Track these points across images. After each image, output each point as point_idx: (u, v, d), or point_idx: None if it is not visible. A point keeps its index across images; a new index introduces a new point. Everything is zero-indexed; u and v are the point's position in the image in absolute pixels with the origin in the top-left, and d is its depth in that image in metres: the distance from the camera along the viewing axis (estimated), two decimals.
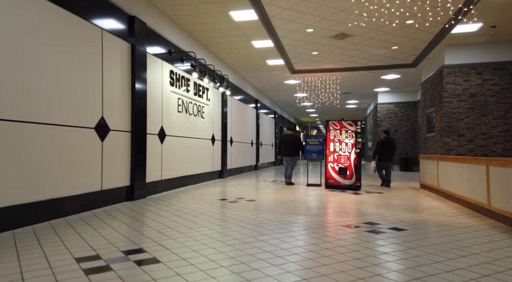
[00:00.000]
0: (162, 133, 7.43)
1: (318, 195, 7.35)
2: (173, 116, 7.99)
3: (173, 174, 7.99)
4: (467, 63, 9.49)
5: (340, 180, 8.38)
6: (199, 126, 9.50)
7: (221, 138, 11.32)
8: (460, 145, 9.52)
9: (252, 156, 15.53)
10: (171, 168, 7.85)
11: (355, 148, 8.33)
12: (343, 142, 8.41)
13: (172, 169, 7.90)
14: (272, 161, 20.39)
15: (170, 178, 7.84)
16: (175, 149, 8.06)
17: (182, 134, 8.41)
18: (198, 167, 9.46)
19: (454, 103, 9.59)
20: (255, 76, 13.93)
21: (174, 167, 8.02)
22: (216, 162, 10.82)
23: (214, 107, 10.63)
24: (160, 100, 7.37)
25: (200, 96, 9.57)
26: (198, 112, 9.38)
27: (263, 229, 4.08)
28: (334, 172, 8.45)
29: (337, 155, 8.43)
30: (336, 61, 11.80)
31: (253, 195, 7.19)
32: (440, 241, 3.60)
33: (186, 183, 8.76)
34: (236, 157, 12.92)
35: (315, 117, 31.78)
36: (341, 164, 8.39)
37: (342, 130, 8.43)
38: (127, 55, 6.22)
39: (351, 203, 6.31)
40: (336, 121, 8.50)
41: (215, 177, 10.92)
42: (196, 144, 9.29)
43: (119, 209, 5.38)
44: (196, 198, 6.75)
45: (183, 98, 8.49)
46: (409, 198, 7.09)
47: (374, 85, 15.84)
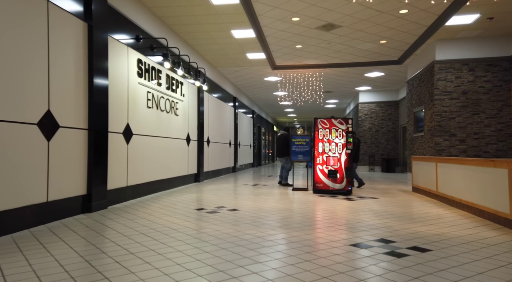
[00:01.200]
0: (128, 132, 6.39)
1: (307, 202, 6.53)
2: (142, 113, 6.96)
3: (142, 179, 6.96)
4: (459, 58, 9.00)
5: (330, 184, 7.62)
6: (173, 125, 8.49)
7: (197, 138, 10.33)
8: (452, 145, 9.00)
9: (230, 157, 14.60)
10: (139, 172, 6.81)
11: (346, 148, 7.60)
12: (333, 141, 7.66)
13: (140, 173, 6.87)
14: (250, 162, 19.52)
15: (138, 183, 6.80)
16: (144, 150, 7.02)
17: (152, 133, 7.38)
18: (172, 170, 8.45)
19: (446, 101, 9.07)
20: (233, 72, 13.02)
21: (143, 171, 6.99)
22: (191, 164, 9.82)
23: (189, 104, 9.63)
24: (125, 93, 6.33)
25: (174, 91, 8.56)
26: (171, 108, 8.37)
27: (253, 254, 3.19)
28: (323, 175, 7.67)
29: (327, 156, 7.67)
30: (320, 56, 11.09)
31: (234, 203, 6.28)
32: (482, 267, 2.84)
33: (157, 189, 7.73)
34: (213, 159, 11.95)
35: (293, 118, 31.19)
36: (331, 166, 7.63)
37: (332, 129, 7.67)
38: (83, 37, 5.16)
39: (348, 211, 5.53)
40: (325, 119, 7.73)
41: (191, 180, 9.92)
42: (169, 144, 8.28)
43: (69, 225, 4.33)
44: (168, 207, 5.76)
45: (154, 92, 7.46)
46: (408, 204, 6.41)
47: (356, 84, 15.30)
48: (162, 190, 7.98)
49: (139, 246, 3.39)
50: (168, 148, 8.23)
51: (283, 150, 9.48)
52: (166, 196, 7.20)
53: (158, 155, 7.69)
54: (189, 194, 7.58)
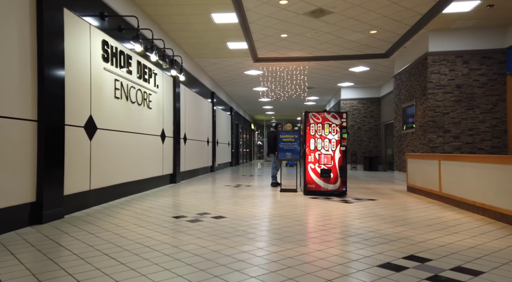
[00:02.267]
0: (91, 126, 5.39)
1: (301, 206, 5.78)
2: (109, 104, 5.96)
3: (109, 181, 5.96)
4: (453, 50, 8.53)
5: (323, 184, 6.90)
6: (145, 119, 7.50)
7: (173, 135, 9.37)
8: (446, 142, 8.54)
9: (208, 156, 13.67)
10: (105, 172, 5.82)
11: (340, 145, 6.90)
12: (326, 138, 6.94)
13: (107, 174, 5.87)
14: (228, 161, 18.64)
15: (104, 186, 5.80)
16: (112, 147, 6.03)
17: (121, 128, 6.39)
18: (145, 170, 7.46)
19: (439, 95, 8.59)
20: (212, 64, 12.10)
21: (111, 171, 6.00)
22: (167, 164, 8.85)
23: (164, 96, 8.65)
24: (87, 80, 5.32)
25: (146, 81, 7.57)
26: (143, 100, 7.38)
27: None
28: (315, 174, 6.95)
29: (319, 154, 6.95)
30: (305, 48, 10.39)
31: (218, 208, 5.43)
32: None
33: (128, 192, 6.74)
34: (190, 157, 11.00)
35: (271, 116, 30.54)
36: (324, 165, 6.92)
37: (325, 124, 6.95)
38: (30, 11, 4.15)
39: (352, 217, 4.81)
40: (318, 113, 7.01)
41: (166, 182, 8.95)
42: (142, 141, 7.29)
43: (8, 243, 3.34)
44: (140, 215, 4.83)
45: (123, 81, 6.47)
46: (413, 207, 5.78)
47: (339, 79, 14.76)
48: (133, 193, 7.00)
49: (100, 276, 2.48)
50: (140, 145, 7.25)
51: (270, 148, 8.75)
52: (138, 200, 6.23)
53: (129, 153, 6.70)
54: (165, 197, 6.64)
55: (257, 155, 36.14)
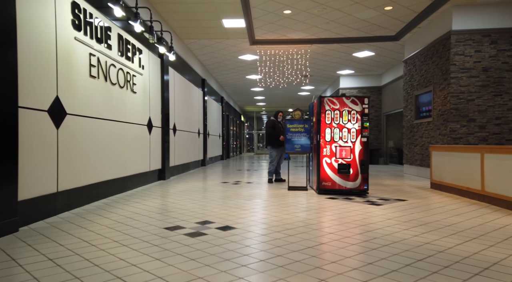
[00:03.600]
0: (57, 110, 4.20)
1: (320, 209, 4.74)
2: (82, 84, 4.76)
3: (83, 180, 4.79)
4: (479, 29, 7.58)
5: (340, 181, 5.87)
6: (129, 105, 6.31)
7: (162, 125, 8.18)
8: (470, 132, 7.62)
9: (199, 148, 12.51)
10: (78, 169, 4.64)
11: (361, 135, 5.88)
12: (345, 127, 5.90)
13: (80, 172, 4.70)
14: (219, 154, 17.50)
15: (76, 186, 4.63)
16: (87, 138, 4.85)
17: (99, 115, 5.20)
18: (128, 166, 6.29)
19: (463, 80, 7.64)
20: (204, 46, 10.88)
21: (85, 168, 4.82)
22: (155, 158, 7.68)
23: (151, 80, 7.45)
24: (52, 51, 4.11)
25: (129, 59, 6.36)
26: (126, 83, 6.18)
27: None
28: (331, 170, 5.91)
29: (336, 147, 5.90)
30: (309, 28, 9.29)
31: (222, 214, 4.34)
32: None
33: (108, 192, 5.58)
34: (181, 150, 9.84)
35: (262, 107, 29.42)
36: (342, 159, 5.89)
37: (343, 111, 5.90)
38: None
39: (393, 227, 3.79)
40: (335, 97, 5.94)
41: (154, 178, 7.79)
42: (125, 131, 6.11)
43: None
44: (121, 226, 3.70)
45: (101, 57, 5.25)
46: (456, 210, 4.82)
47: (340, 66, 13.74)
48: (115, 194, 5.83)
49: None
50: (123, 135, 6.07)
51: (268, 139, 7.71)
52: (120, 203, 5.08)
53: (109, 145, 5.52)
54: (154, 198, 5.50)
55: (247, 148, 35.08)
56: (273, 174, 7.73)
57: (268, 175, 7.75)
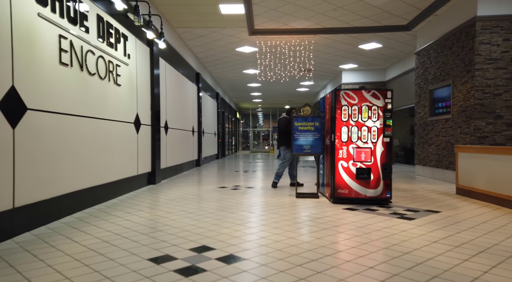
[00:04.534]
0: (14, 105, 3.29)
1: (344, 226, 3.90)
2: (49, 72, 3.85)
3: (51, 191, 3.89)
4: (508, 14, 6.77)
5: (360, 189, 5.03)
6: (112, 100, 5.40)
7: (151, 123, 7.27)
8: (497, 131, 6.83)
9: (194, 147, 11.61)
10: (44, 178, 3.74)
11: (383, 135, 5.04)
12: (364, 125, 5.05)
13: (47, 180, 3.80)
14: (215, 153, 16.60)
15: (41, 199, 3.73)
16: (57, 139, 3.94)
17: (73, 111, 4.29)
18: (111, 171, 5.39)
19: (490, 72, 6.84)
20: (198, 37, 9.95)
21: (53, 175, 3.92)
22: (143, 160, 6.78)
23: (139, 71, 6.53)
24: (5, 27, 3.20)
25: (112, 46, 5.44)
26: (108, 73, 5.27)
27: None
28: (348, 175, 5.07)
29: (355, 148, 5.06)
30: (314, 15, 8.43)
31: (223, 234, 3.47)
32: None
33: (84, 204, 4.68)
34: (174, 150, 8.94)
35: (258, 104, 28.52)
36: (361, 162, 5.04)
37: (363, 107, 5.05)
38: None
39: (449, 254, 2.96)
40: (353, 90, 5.09)
41: (142, 183, 6.89)
42: (107, 129, 5.20)
43: None
44: (93, 257, 2.81)
45: (74, 40, 4.34)
46: (503, 225, 4.01)
47: (343, 60, 12.90)
48: (94, 204, 4.93)
49: None
50: (105, 135, 5.16)
51: (282, 138, 6.83)
52: (98, 217, 4.19)
53: (86, 147, 4.62)
54: (140, 211, 4.62)
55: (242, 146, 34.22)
56: (280, 178, 6.87)
57: (274, 178, 6.87)
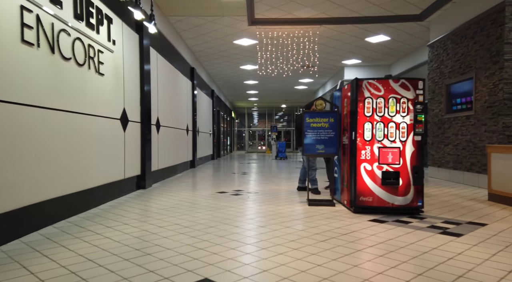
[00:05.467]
0: None
1: (379, 246, 3.13)
2: (5, 52, 3.02)
3: (13, 201, 3.05)
4: None
5: (386, 196, 4.27)
6: (93, 90, 4.56)
7: (141, 119, 6.44)
8: None
9: (188, 147, 10.78)
10: (2, 184, 2.91)
11: (413, 132, 4.29)
12: (392, 121, 4.29)
13: (7, 186, 2.96)
14: (210, 153, 15.77)
15: None
16: (18, 137, 3.11)
17: (40, 102, 3.46)
18: (92, 174, 4.55)
19: None
20: (193, 27, 9.13)
21: (16, 181, 3.08)
22: (131, 161, 5.95)
23: (126, 60, 5.70)
24: None
25: (93, 28, 4.61)
26: (88, 60, 4.44)
27: None
28: (373, 180, 4.30)
29: (380, 148, 4.30)
30: (321, 2, 7.67)
31: (230, 263, 2.68)
32: None
33: (58, 215, 3.84)
34: (166, 151, 8.11)
35: (254, 102, 27.73)
36: (388, 165, 4.28)
37: (390, 99, 4.29)
38: None
39: None
40: (378, 80, 4.33)
41: (131, 188, 6.05)
42: (87, 125, 4.36)
43: None
44: None
45: (42, 15, 3.50)
46: None
47: (347, 54, 12.17)
48: (70, 216, 4.10)
49: None
50: (84, 132, 4.33)
51: (299, 137, 6.05)
52: (71, 234, 3.36)
53: (60, 146, 3.79)
54: (124, 224, 3.79)
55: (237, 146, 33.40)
56: (316, 182, 6.08)
57: (311, 184, 5.97)
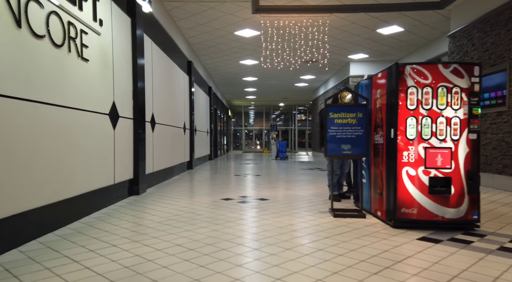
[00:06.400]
0: None
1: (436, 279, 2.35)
2: None
3: None
4: None
5: (435, 208, 3.50)
6: (74, 78, 3.72)
7: (134, 115, 5.61)
8: None
9: (185, 147, 9.95)
10: None
11: (467, 129, 3.52)
12: (441, 115, 3.52)
13: None
14: (207, 153, 14.94)
15: None
16: None
17: (4, 90, 2.64)
18: (73, 181, 3.71)
19: None
20: (192, 15, 8.30)
21: None
22: (122, 163, 5.11)
23: (116, 45, 4.87)
24: None
25: (74, 3, 3.77)
26: (68, 40, 3.60)
27: None
28: (417, 188, 3.53)
29: (427, 148, 3.52)
30: None
31: None
32: None
33: (26, 234, 3.01)
34: (162, 151, 7.27)
35: (250, 101, 26.91)
36: (437, 169, 3.51)
37: (439, 88, 3.52)
38: None
39: None
40: (424, 66, 3.55)
41: (122, 194, 5.21)
42: (66, 121, 3.52)
43: None
44: None
45: None
46: None
47: (355, 47, 11.42)
48: (43, 234, 3.26)
49: None
50: (62, 129, 3.49)
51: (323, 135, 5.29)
52: (40, 262, 2.53)
53: (29, 147, 2.95)
54: (111, 247, 2.97)
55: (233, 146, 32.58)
56: (342, 186, 5.29)
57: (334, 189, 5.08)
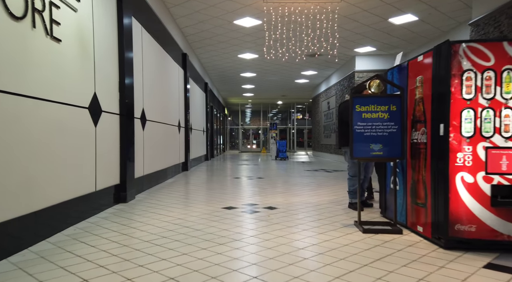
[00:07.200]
0: None
1: None
2: None
3: None
4: None
5: (499, 224, 2.76)
6: (42, 62, 2.92)
7: (120, 110, 4.81)
8: None
9: (180, 147, 9.16)
10: None
11: None
12: (508, 106, 2.79)
13: None
14: (204, 154, 14.15)
15: None
16: None
17: None
18: (40, 190, 2.92)
19: None
20: (187, 0, 7.50)
21: None
22: (106, 167, 4.32)
23: (98, 25, 4.07)
24: None
25: None
26: (32, 12, 2.79)
27: None
28: (476, 198, 2.79)
29: (488, 148, 2.79)
30: None
31: None
32: None
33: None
34: (154, 151, 6.48)
35: (248, 99, 26.12)
36: (502, 174, 2.77)
37: (504, 72, 2.78)
38: None
39: None
40: (484, 43, 2.81)
41: (106, 202, 4.42)
42: (33, 116, 2.72)
43: None
44: None
45: None
46: None
47: (363, 39, 10.69)
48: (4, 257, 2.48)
49: None
50: (25, 125, 2.69)
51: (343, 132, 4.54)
52: None
53: None
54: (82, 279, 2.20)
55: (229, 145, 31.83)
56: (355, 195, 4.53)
57: (349, 196, 4.49)
